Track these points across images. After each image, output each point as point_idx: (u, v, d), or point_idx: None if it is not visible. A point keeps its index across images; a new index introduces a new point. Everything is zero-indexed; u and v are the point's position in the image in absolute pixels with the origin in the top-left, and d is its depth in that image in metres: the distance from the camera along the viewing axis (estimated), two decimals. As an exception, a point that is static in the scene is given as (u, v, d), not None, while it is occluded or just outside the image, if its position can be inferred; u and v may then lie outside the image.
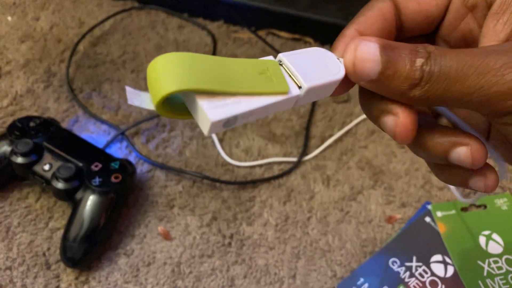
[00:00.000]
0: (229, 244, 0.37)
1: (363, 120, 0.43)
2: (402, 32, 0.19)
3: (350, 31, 0.18)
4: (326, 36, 0.50)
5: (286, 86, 0.16)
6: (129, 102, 0.15)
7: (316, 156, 0.41)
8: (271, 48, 0.50)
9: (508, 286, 0.33)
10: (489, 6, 0.17)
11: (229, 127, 0.15)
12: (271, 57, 0.17)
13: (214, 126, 0.15)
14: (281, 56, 0.17)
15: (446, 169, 0.18)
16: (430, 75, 0.14)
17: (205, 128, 0.15)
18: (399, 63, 0.15)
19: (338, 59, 0.17)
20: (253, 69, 0.16)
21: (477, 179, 0.17)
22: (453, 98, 0.14)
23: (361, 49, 0.15)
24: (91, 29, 0.52)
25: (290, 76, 0.17)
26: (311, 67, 0.17)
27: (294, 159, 0.41)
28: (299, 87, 0.17)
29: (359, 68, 0.15)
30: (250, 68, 0.16)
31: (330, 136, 0.42)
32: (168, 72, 0.14)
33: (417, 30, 0.19)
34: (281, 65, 0.17)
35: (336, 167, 0.40)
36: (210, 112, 0.14)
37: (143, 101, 0.15)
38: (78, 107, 0.46)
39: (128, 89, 0.16)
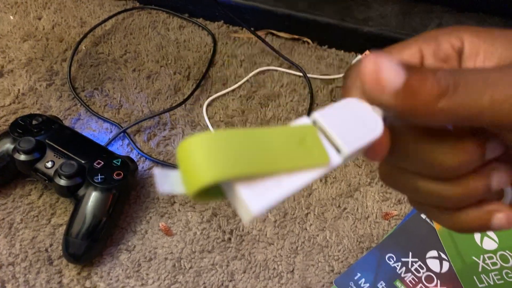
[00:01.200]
0: (229, 239, 0.37)
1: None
2: None
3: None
4: (324, 37, 0.51)
5: (326, 156, 0.15)
6: (160, 189, 0.14)
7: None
8: (270, 48, 0.50)
9: (502, 281, 0.34)
10: (460, 54, 0.17)
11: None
12: (306, 119, 0.16)
13: (256, 216, 0.14)
14: (316, 116, 0.15)
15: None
16: (457, 82, 0.14)
17: (246, 218, 0.14)
18: (424, 73, 0.14)
19: (372, 109, 0.16)
20: (291, 139, 0.15)
21: (500, 216, 0.17)
22: (483, 108, 0.14)
23: (383, 60, 0.14)
24: (93, 29, 0.53)
25: (327, 139, 0.15)
26: (349, 126, 0.15)
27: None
28: (338, 151, 0.15)
29: (382, 77, 0.14)
30: (288, 139, 0.15)
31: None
32: (204, 158, 0.13)
33: None
34: (315, 124, 0.16)
35: (334, 165, 0.41)
36: (252, 203, 0.13)
37: (174, 184, 0.14)
38: (80, 106, 0.47)
39: (157, 171, 0.14)
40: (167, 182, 0.14)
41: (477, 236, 0.36)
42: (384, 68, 0.14)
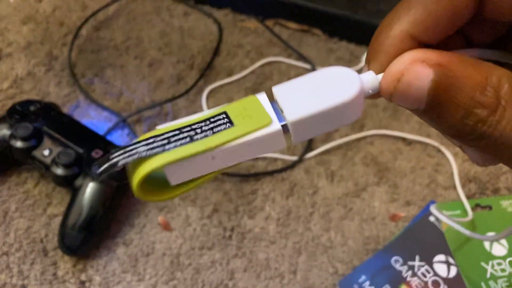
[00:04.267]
0: (230, 237, 0.36)
1: (370, 115, 0.43)
2: (483, 13, 0.14)
3: (397, 31, 0.14)
4: (335, 28, 0.49)
5: (267, 117, 0.14)
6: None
7: (320, 151, 0.40)
8: (278, 38, 0.49)
9: (511, 288, 0.33)
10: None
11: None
12: (259, 94, 0.15)
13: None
14: (273, 88, 0.15)
15: None
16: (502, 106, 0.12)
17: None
18: (453, 103, 0.12)
19: (357, 75, 0.14)
20: (231, 115, 0.15)
21: None
22: None
23: (408, 79, 0.13)
24: (94, 13, 0.51)
25: (281, 110, 0.14)
26: (307, 95, 0.14)
27: (298, 154, 0.40)
28: (285, 126, 0.14)
29: (400, 97, 0.13)
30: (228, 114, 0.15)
31: (336, 131, 0.42)
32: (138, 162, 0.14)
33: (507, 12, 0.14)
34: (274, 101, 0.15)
35: (340, 163, 0.40)
36: (172, 178, 0.14)
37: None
38: (79, 92, 0.45)
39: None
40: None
41: (486, 242, 0.35)
42: (405, 90, 0.13)
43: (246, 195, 0.38)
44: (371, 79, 0.15)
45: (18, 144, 0.37)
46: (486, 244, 0.35)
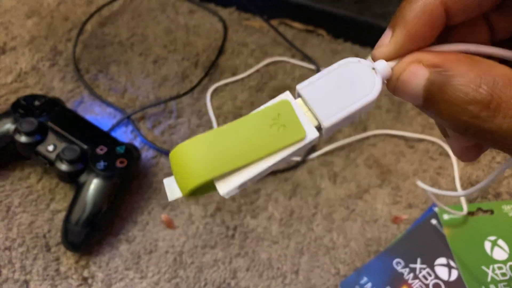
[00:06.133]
0: (233, 236, 0.36)
1: (372, 117, 0.43)
2: (449, 19, 0.16)
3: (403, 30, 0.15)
4: (340, 29, 0.49)
5: (302, 131, 0.15)
6: (170, 198, 0.16)
7: (323, 152, 0.41)
8: (283, 38, 0.49)
9: (511, 293, 0.33)
10: None
11: (245, 186, 0.16)
12: (285, 95, 0.16)
13: (225, 194, 0.15)
14: (298, 88, 0.16)
15: None
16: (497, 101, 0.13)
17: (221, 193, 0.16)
18: (451, 99, 0.14)
19: (373, 69, 0.15)
20: (264, 123, 0.15)
21: None
22: None
23: (405, 77, 0.14)
24: (99, 9, 0.51)
25: (310, 111, 0.16)
26: (334, 96, 0.15)
27: (301, 155, 0.40)
28: (319, 128, 0.15)
29: (400, 92, 0.15)
30: (261, 124, 0.15)
31: (339, 132, 0.42)
32: (189, 164, 0.15)
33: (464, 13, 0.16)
34: (300, 97, 0.16)
35: (343, 164, 0.40)
36: (220, 187, 0.15)
37: (175, 190, 0.16)
38: (83, 88, 0.45)
39: (166, 182, 0.16)
40: (175, 191, 0.16)
41: (487, 246, 0.35)
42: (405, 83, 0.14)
43: (249, 194, 0.38)
44: (385, 68, 0.15)
45: (23, 138, 0.37)
46: (487, 248, 0.35)
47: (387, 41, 0.16)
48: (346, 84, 0.15)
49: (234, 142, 0.15)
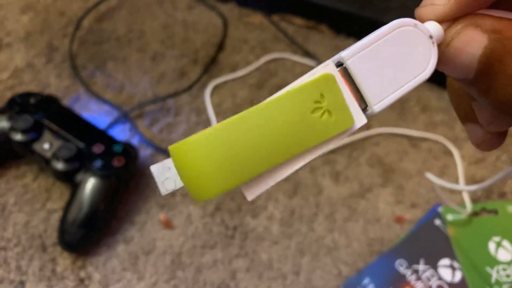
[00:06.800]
0: (232, 236, 0.35)
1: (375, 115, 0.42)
2: None
3: None
4: (342, 25, 0.48)
5: (350, 118, 0.12)
6: (161, 190, 0.13)
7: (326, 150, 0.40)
8: (284, 34, 0.48)
9: (515, 294, 0.32)
10: None
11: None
12: (329, 67, 0.12)
13: (255, 199, 0.13)
14: (345, 58, 0.12)
15: None
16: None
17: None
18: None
19: (430, 37, 0.12)
20: (304, 107, 0.12)
21: None
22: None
23: (458, 44, 0.12)
24: (96, 4, 0.50)
25: (356, 86, 0.12)
26: (386, 72, 0.12)
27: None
28: (366, 110, 0.12)
29: (447, 63, 0.12)
30: (300, 108, 0.12)
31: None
32: (207, 166, 0.12)
33: None
34: (339, 66, 0.13)
35: (346, 163, 0.39)
36: (247, 193, 0.12)
37: (175, 180, 0.13)
38: (80, 85, 0.44)
39: (154, 168, 0.13)
40: (167, 180, 0.13)
41: (492, 247, 0.34)
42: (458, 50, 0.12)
43: (249, 194, 0.38)
44: (438, 33, 0.13)
45: (18, 136, 0.36)
46: (492, 249, 0.34)
47: None
48: (400, 55, 0.12)
49: (266, 133, 0.12)
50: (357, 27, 0.47)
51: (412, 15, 0.14)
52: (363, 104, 0.13)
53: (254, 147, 0.12)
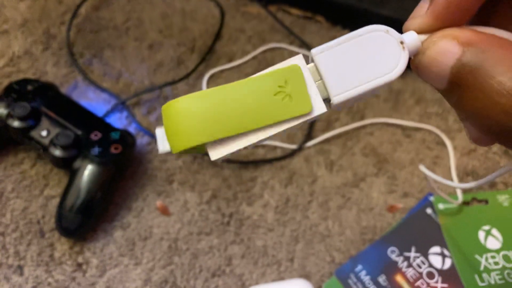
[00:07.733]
0: (228, 223, 0.36)
1: (370, 106, 0.43)
2: None
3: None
4: (339, 16, 0.48)
5: (308, 104, 0.14)
6: (160, 150, 0.16)
7: (320, 140, 0.40)
8: (281, 24, 0.48)
9: (503, 281, 0.33)
10: None
11: (236, 153, 0.15)
12: (298, 58, 0.14)
13: (216, 160, 0.15)
14: (314, 53, 0.14)
15: None
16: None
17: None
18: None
19: (401, 43, 0.13)
20: (268, 89, 0.14)
21: None
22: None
23: (432, 53, 0.12)
24: (94, -8, 0.50)
25: (320, 79, 0.14)
26: (351, 68, 0.13)
27: (298, 142, 0.40)
28: (328, 101, 0.14)
29: (422, 71, 0.13)
30: (265, 89, 0.14)
31: (336, 120, 0.42)
32: (184, 123, 0.14)
33: None
34: (313, 62, 0.14)
35: (340, 153, 0.40)
36: (212, 152, 0.15)
37: (164, 143, 0.15)
38: (77, 73, 0.44)
39: (159, 131, 0.15)
40: (166, 142, 0.15)
41: (481, 235, 0.35)
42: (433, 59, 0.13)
43: (245, 182, 0.38)
44: (414, 41, 0.13)
45: (16, 123, 0.36)
46: (481, 238, 0.35)
47: (423, 11, 0.13)
48: (367, 56, 0.13)
49: (234, 105, 0.14)
50: (353, 18, 0.48)
51: (407, 8, 0.14)
52: (327, 94, 0.14)
53: (225, 114, 0.14)
